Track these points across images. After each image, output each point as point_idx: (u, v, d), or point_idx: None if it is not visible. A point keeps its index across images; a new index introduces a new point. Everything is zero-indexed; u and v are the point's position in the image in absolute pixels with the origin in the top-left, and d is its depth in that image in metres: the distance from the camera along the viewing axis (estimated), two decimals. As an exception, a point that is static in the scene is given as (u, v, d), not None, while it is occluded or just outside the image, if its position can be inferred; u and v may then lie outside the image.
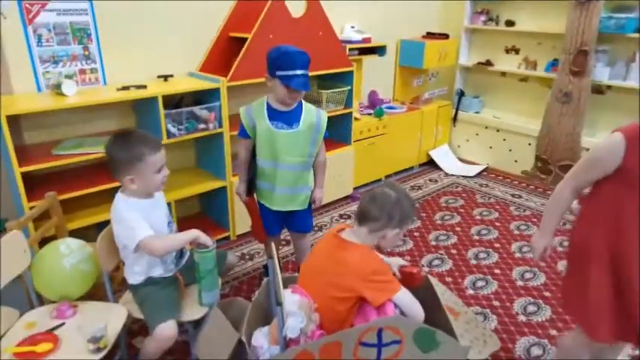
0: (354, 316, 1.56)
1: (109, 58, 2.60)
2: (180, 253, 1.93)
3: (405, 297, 1.55)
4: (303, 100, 2.12)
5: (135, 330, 2.14)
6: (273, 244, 1.68)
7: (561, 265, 2.79)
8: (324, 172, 2.25)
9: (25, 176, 2.10)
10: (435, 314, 1.62)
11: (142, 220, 1.67)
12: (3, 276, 1.62)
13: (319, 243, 1.72)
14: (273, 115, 2.05)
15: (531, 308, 2.41)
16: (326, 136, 2.15)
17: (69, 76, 2.48)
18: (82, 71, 2.53)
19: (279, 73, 1.96)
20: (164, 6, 2.72)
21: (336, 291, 1.52)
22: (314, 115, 2.09)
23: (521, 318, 2.33)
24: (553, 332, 2.23)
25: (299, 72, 1.95)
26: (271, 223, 2.28)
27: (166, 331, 1.65)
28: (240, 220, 2.98)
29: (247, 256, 2.85)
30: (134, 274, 1.79)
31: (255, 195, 2.27)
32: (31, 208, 2.08)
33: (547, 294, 2.52)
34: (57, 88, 2.31)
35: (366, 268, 1.52)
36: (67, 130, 2.53)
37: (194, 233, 1.73)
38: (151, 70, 2.75)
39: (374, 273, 1.52)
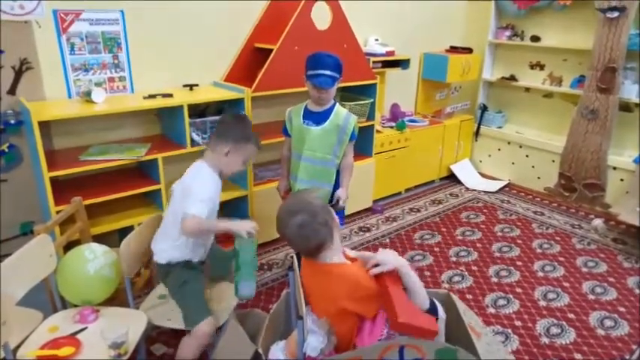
0: (355, 335, 1.54)
1: (137, 67, 2.66)
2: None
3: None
4: (338, 104, 2.34)
5: (154, 336, 2.16)
6: (294, 257, 1.67)
7: (586, 287, 2.72)
8: (350, 174, 2.42)
9: (52, 181, 2.14)
10: (457, 333, 1.58)
11: (209, 201, 1.79)
12: (30, 279, 1.65)
13: (303, 266, 1.66)
14: (307, 114, 2.33)
15: (554, 330, 2.35)
16: (353, 138, 2.35)
17: (98, 84, 2.54)
18: (111, 79, 2.59)
19: (307, 73, 2.23)
20: (191, 17, 2.78)
21: (335, 310, 1.49)
22: (341, 118, 2.30)
23: (544, 340, 2.27)
24: (578, 356, 2.17)
25: (321, 71, 2.17)
26: None
27: (207, 327, 1.71)
28: (260, 230, 2.97)
29: (266, 267, 2.85)
30: (174, 250, 1.83)
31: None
32: (57, 212, 2.12)
33: (571, 316, 2.46)
34: (87, 96, 2.37)
35: (349, 286, 1.46)
36: (93, 136, 2.58)
37: (229, 225, 1.82)
38: (176, 80, 2.80)
39: (358, 289, 1.45)
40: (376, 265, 1.45)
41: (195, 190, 1.76)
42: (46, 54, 2.36)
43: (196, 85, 2.82)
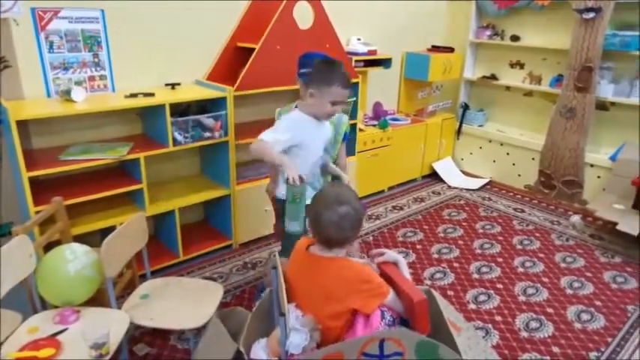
0: (345, 332, 1.55)
1: (118, 66, 2.63)
2: None
3: (395, 297, 1.54)
4: None
5: (137, 337, 2.14)
6: (277, 255, 1.68)
7: (564, 282, 2.78)
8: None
9: (32, 181, 2.12)
10: (437, 329, 1.60)
11: (286, 134, 1.91)
12: (8, 280, 1.63)
13: (293, 262, 1.68)
14: None
15: (534, 324, 2.40)
16: (346, 138, 2.32)
17: (78, 83, 2.51)
18: (92, 78, 2.56)
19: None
20: (173, 15, 2.76)
21: (332, 307, 1.51)
22: (334, 118, 2.24)
23: (524, 334, 2.32)
24: (555, 349, 2.22)
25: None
26: None
27: None
28: (243, 229, 3.00)
29: (249, 265, 2.85)
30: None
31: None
32: (37, 212, 2.09)
33: (550, 310, 2.51)
34: (66, 94, 2.34)
35: (352, 278, 1.51)
36: (74, 135, 2.55)
37: (283, 161, 1.84)
38: (158, 78, 2.78)
39: (361, 282, 1.51)
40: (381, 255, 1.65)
41: (280, 123, 1.98)
42: (25, 52, 2.32)
43: (178, 84, 2.80)
